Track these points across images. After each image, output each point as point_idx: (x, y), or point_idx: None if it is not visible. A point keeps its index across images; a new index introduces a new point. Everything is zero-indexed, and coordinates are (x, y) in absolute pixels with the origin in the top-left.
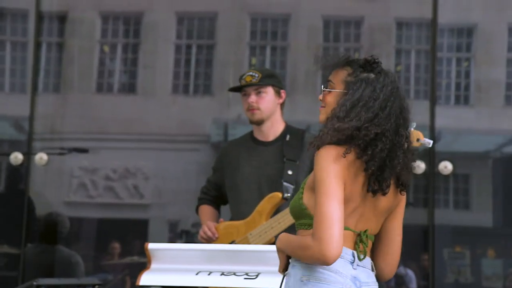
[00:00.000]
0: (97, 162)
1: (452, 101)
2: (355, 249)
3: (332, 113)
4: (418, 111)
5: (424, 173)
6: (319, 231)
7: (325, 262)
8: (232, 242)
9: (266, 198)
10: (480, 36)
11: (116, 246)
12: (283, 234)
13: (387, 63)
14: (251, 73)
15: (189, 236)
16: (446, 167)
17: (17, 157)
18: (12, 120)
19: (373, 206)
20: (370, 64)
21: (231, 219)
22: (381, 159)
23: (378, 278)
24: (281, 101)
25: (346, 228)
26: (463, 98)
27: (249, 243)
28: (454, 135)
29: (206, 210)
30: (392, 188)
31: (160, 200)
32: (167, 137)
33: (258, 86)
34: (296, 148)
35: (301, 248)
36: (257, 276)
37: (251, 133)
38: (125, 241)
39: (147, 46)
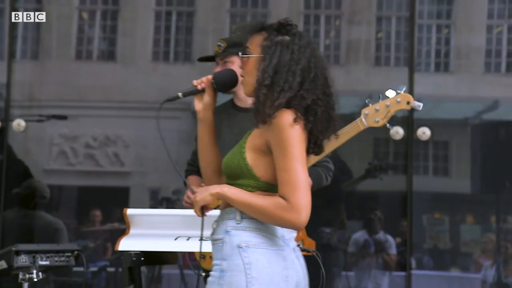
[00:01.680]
0: (77, 129)
1: (432, 68)
2: None
3: (257, 82)
4: (398, 78)
5: (403, 139)
6: (296, 197)
7: (299, 227)
8: (218, 206)
9: None
10: (460, 2)
11: (97, 213)
12: (231, 187)
13: (368, 30)
14: (219, 42)
15: (170, 203)
16: (424, 133)
17: None
18: None
19: None
20: (284, 27)
21: None
22: (322, 122)
23: None
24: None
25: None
26: (443, 65)
27: None
28: (434, 102)
29: (193, 180)
30: None
31: (141, 168)
32: (148, 104)
33: (223, 56)
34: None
35: (275, 207)
36: None
37: (232, 100)
38: (106, 208)
39: (126, 13)
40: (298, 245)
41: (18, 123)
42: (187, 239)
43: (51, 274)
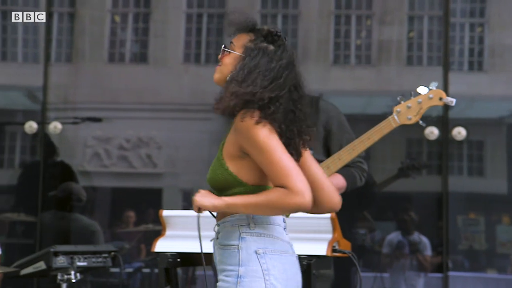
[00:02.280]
0: (110, 131)
1: (465, 67)
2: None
3: (231, 76)
4: (431, 77)
5: (438, 140)
6: (292, 182)
7: (307, 207)
8: None
9: None
10: (494, 0)
11: (131, 214)
12: (230, 197)
13: (400, 29)
14: None
15: None
16: (459, 133)
17: (31, 126)
18: (25, 90)
19: None
20: (272, 36)
21: None
22: (277, 120)
23: (326, 212)
24: None
25: (269, 188)
26: (476, 64)
27: None
28: (468, 102)
29: None
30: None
31: (173, 169)
32: (179, 106)
33: None
34: (311, 115)
35: (279, 197)
36: None
37: None
38: (139, 209)
39: (158, 15)
40: (334, 247)
41: (55, 126)
42: None
43: (88, 275)
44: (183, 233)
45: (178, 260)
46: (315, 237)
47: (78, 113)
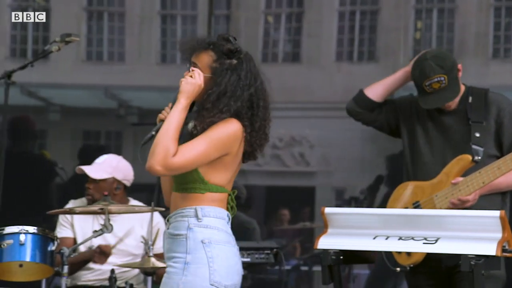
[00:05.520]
0: None
1: None
2: (227, 209)
3: (201, 103)
4: None
5: None
6: (178, 155)
7: (151, 168)
8: (416, 203)
9: (454, 160)
10: None
11: (285, 212)
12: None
13: None
14: (436, 79)
15: (358, 203)
16: None
17: (191, 126)
18: None
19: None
20: (233, 53)
21: (408, 179)
22: (259, 136)
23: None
24: (460, 74)
25: (225, 191)
26: None
27: (434, 205)
28: None
29: None
30: None
31: (326, 168)
32: (332, 104)
33: (454, 88)
34: (480, 109)
35: (164, 143)
36: (436, 241)
37: None
38: (293, 207)
39: (311, 14)
40: (504, 246)
41: None
42: (386, 238)
43: (248, 270)
44: (345, 230)
45: (341, 257)
46: (483, 236)
47: None
